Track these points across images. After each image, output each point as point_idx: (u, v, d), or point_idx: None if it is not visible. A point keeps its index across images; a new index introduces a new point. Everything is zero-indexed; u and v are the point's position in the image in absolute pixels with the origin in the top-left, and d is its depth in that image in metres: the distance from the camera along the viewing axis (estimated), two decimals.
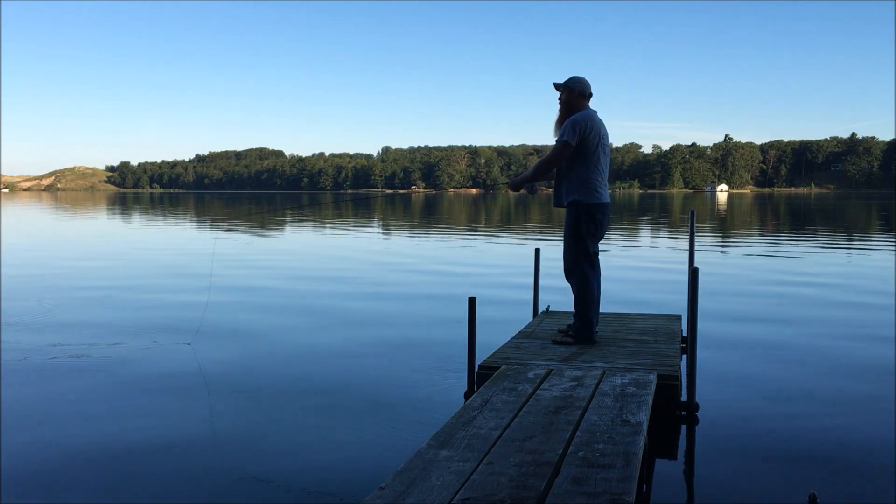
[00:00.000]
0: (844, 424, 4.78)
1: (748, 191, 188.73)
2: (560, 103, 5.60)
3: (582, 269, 5.48)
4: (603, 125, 5.51)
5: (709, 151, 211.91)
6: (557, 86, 5.58)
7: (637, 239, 22.41)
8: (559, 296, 7.10)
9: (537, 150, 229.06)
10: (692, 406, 4.78)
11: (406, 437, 4.43)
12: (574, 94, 5.52)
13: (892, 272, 12.99)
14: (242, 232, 25.84)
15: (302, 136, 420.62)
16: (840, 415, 4.98)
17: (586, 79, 5.57)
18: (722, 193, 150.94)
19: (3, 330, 7.70)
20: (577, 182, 5.43)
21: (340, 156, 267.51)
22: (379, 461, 4.10)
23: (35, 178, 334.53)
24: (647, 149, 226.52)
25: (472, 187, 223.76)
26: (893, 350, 6.80)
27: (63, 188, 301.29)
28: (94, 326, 7.99)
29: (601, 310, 5.80)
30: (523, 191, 5.91)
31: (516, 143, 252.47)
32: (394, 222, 33.79)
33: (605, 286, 5.78)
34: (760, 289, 11.06)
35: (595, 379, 4.52)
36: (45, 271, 13.35)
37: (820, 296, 10.38)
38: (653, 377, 4.56)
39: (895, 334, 7.50)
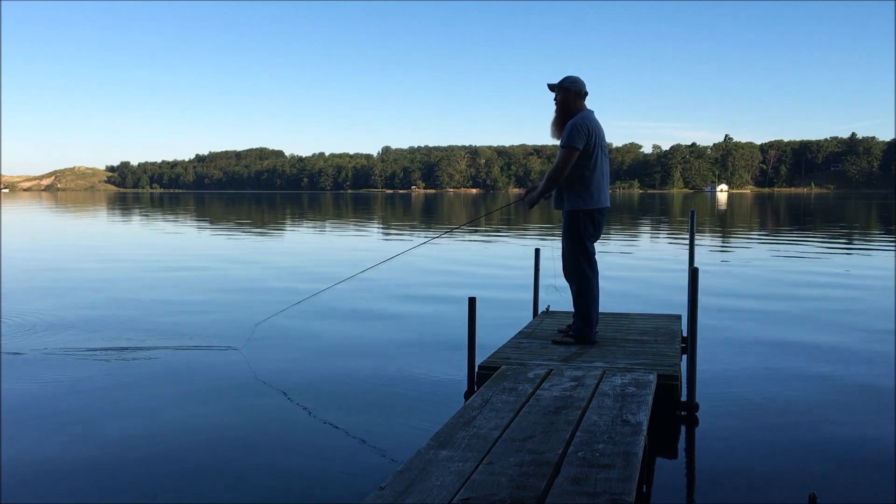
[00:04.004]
0: (844, 424, 4.78)
1: (748, 191, 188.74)
2: (556, 104, 5.58)
3: (582, 269, 5.48)
4: (600, 125, 5.51)
5: (709, 151, 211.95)
6: (552, 86, 5.56)
7: (637, 239, 22.41)
8: (559, 296, 7.10)
9: (537, 149, 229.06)
10: (692, 406, 4.78)
11: (406, 437, 4.43)
12: (570, 95, 5.50)
13: (892, 272, 12.99)
14: (240, 233, 25.85)
15: (302, 136, 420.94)
16: (840, 415, 4.98)
17: (580, 78, 5.56)
18: (722, 193, 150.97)
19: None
20: (578, 186, 5.41)
21: (340, 156, 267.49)
22: (379, 461, 4.10)
23: (35, 178, 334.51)
24: (647, 149, 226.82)
25: (472, 187, 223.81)
26: (894, 350, 6.80)
27: (63, 188, 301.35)
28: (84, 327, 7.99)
29: (600, 310, 5.80)
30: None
31: (516, 143, 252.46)
32: (393, 222, 33.80)
33: (606, 286, 5.78)
34: (760, 289, 11.06)
35: (595, 379, 4.52)
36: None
37: (820, 295, 10.37)
38: (653, 377, 4.56)
39: (895, 334, 7.51)
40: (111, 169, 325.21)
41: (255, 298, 10.06)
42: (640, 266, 14.24)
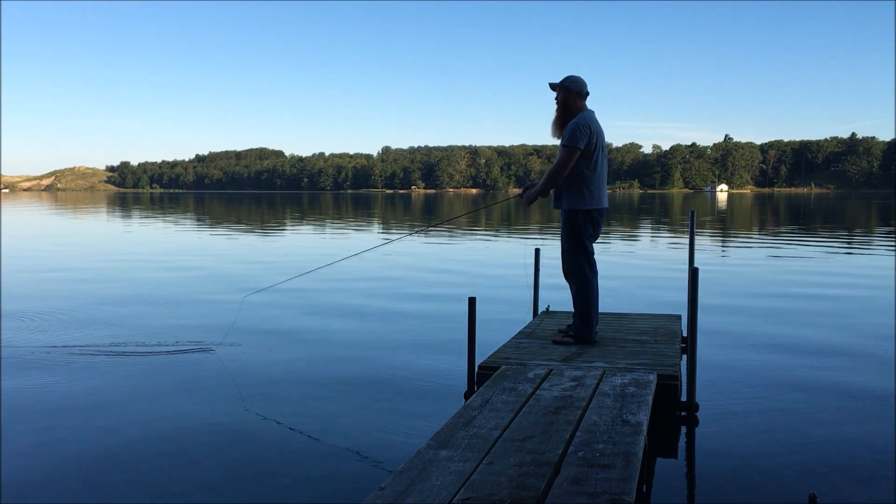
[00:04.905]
0: (844, 424, 4.78)
1: (748, 191, 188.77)
2: (557, 103, 5.59)
3: (582, 268, 5.48)
4: (600, 126, 5.51)
5: (709, 151, 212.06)
6: (553, 86, 5.56)
7: (637, 239, 22.41)
8: (559, 296, 7.10)
9: (537, 149, 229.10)
10: (692, 406, 4.78)
11: (406, 437, 4.43)
12: (571, 94, 5.50)
13: (892, 274, 12.99)
14: (237, 233, 25.86)
15: (302, 136, 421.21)
16: (840, 415, 4.98)
17: (582, 78, 5.56)
18: (722, 193, 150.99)
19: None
20: (577, 186, 5.41)
21: (340, 156, 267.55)
22: (379, 461, 4.10)
23: (35, 178, 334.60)
24: (647, 149, 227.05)
25: (472, 187, 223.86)
26: (893, 350, 6.80)
27: (63, 188, 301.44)
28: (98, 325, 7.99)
29: (600, 310, 5.80)
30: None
31: (516, 143, 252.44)
32: (393, 223, 33.80)
33: (606, 286, 5.78)
34: (760, 289, 11.06)
35: (595, 379, 4.52)
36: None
37: (820, 296, 10.37)
38: (653, 377, 4.56)
39: (895, 334, 7.50)
40: (111, 169, 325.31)
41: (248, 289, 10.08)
42: (640, 266, 14.24)
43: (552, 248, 6.18)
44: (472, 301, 4.93)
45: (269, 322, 8.33)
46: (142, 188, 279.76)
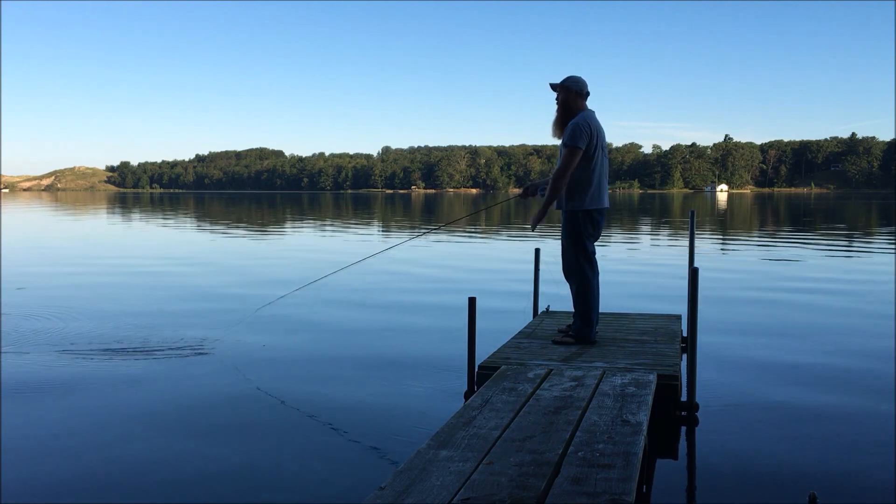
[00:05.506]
0: (845, 425, 4.78)
1: (748, 191, 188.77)
2: (557, 103, 5.59)
3: (582, 268, 5.48)
4: (601, 126, 5.51)
5: (709, 151, 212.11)
6: (554, 86, 5.57)
7: (637, 239, 22.41)
8: (559, 296, 7.10)
9: (537, 149, 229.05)
10: (692, 406, 4.78)
11: (406, 437, 4.43)
12: (571, 94, 5.50)
13: (892, 275, 12.99)
14: (239, 235, 25.85)
15: (302, 136, 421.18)
16: (840, 415, 4.98)
17: (583, 78, 5.56)
18: (722, 193, 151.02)
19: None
20: (578, 186, 5.41)
21: (340, 156, 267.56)
22: (379, 461, 4.10)
23: (35, 178, 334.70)
24: (647, 149, 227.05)
25: (472, 187, 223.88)
26: (893, 351, 6.80)
27: (63, 188, 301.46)
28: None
29: (600, 310, 5.80)
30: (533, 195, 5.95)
31: (516, 143, 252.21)
32: (393, 222, 33.80)
33: (606, 286, 5.78)
34: (760, 289, 11.05)
35: (595, 379, 4.52)
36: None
37: (820, 296, 10.37)
38: (653, 377, 4.56)
39: (895, 332, 7.50)
40: (111, 169, 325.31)
41: (252, 295, 10.08)
42: (640, 266, 14.24)
43: (552, 249, 6.18)
44: (471, 301, 4.93)
45: (270, 324, 8.33)
46: (142, 188, 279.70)
